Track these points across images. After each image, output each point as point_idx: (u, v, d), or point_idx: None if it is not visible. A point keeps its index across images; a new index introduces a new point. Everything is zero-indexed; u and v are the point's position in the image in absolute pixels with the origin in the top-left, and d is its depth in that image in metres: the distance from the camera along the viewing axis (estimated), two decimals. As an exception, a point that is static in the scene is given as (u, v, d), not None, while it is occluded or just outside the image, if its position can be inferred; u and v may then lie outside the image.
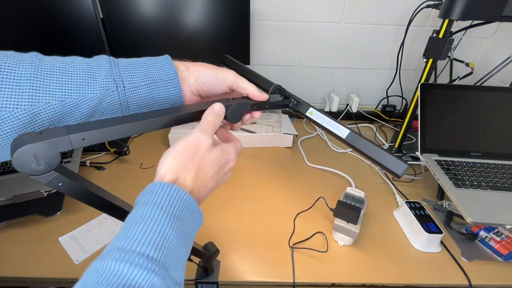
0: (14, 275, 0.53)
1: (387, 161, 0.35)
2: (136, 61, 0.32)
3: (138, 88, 0.31)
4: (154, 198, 0.24)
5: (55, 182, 0.26)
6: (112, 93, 0.30)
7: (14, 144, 0.23)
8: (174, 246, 0.23)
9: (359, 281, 0.55)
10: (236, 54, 1.02)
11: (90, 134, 0.25)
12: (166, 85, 0.33)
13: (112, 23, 0.86)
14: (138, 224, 0.23)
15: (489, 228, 0.63)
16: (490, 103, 0.79)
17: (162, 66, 0.33)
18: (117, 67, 0.30)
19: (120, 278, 0.19)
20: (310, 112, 0.40)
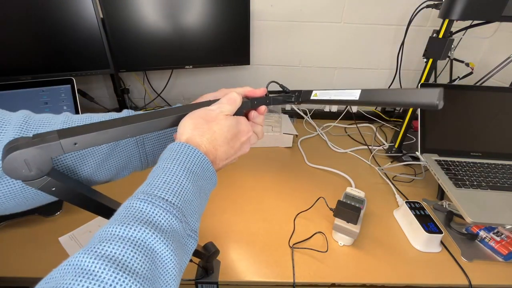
0: (14, 275, 0.53)
1: (415, 97, 0.29)
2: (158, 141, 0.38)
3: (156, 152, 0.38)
4: (172, 154, 0.28)
5: (48, 187, 0.25)
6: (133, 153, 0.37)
7: (5, 150, 0.22)
8: (190, 197, 0.26)
9: (359, 281, 0.55)
10: (236, 54, 1.03)
11: (82, 138, 0.25)
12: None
13: (112, 23, 0.86)
14: (159, 174, 0.26)
15: (489, 228, 0.63)
16: (490, 103, 0.79)
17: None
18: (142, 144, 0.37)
19: (143, 214, 0.22)
20: (315, 95, 0.38)
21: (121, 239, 0.20)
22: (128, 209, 0.23)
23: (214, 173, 0.30)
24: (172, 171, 0.26)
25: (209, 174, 0.30)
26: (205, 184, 0.29)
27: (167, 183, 0.25)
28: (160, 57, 0.94)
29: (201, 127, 0.30)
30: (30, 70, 0.84)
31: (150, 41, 0.91)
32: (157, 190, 0.24)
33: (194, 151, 0.28)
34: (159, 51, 0.93)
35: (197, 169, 0.28)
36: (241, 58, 1.02)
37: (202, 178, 0.29)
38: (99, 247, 0.19)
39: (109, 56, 0.90)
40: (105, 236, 0.20)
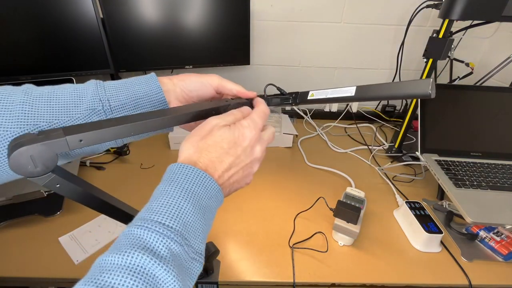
0: (14, 275, 0.53)
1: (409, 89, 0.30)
2: (122, 81, 0.34)
3: (124, 106, 0.33)
4: (170, 176, 0.28)
5: (53, 184, 0.26)
6: (98, 112, 0.31)
7: (11, 146, 0.22)
8: (191, 218, 0.25)
9: (359, 281, 0.55)
10: (236, 54, 1.03)
11: (88, 135, 0.25)
12: (151, 100, 0.34)
13: (112, 23, 0.86)
14: (157, 198, 0.26)
15: (489, 228, 0.63)
16: (490, 103, 0.79)
17: (147, 83, 0.34)
18: (103, 89, 0.32)
19: (141, 241, 0.22)
20: (312, 95, 0.38)
21: (120, 268, 0.20)
22: (126, 237, 0.22)
23: (218, 190, 0.29)
24: (169, 193, 0.26)
25: (213, 192, 0.28)
26: (209, 202, 0.28)
27: (164, 206, 0.24)
28: (160, 57, 0.94)
29: (197, 144, 0.30)
30: (30, 70, 0.84)
31: (150, 41, 0.91)
32: (154, 215, 0.24)
33: (191, 170, 0.27)
34: (159, 51, 0.93)
35: (197, 188, 0.27)
36: (241, 58, 1.02)
37: (205, 197, 0.27)
38: (99, 278, 0.19)
39: (109, 56, 0.90)
40: (105, 266, 0.20)
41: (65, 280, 0.54)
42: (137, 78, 0.35)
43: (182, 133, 0.92)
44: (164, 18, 0.89)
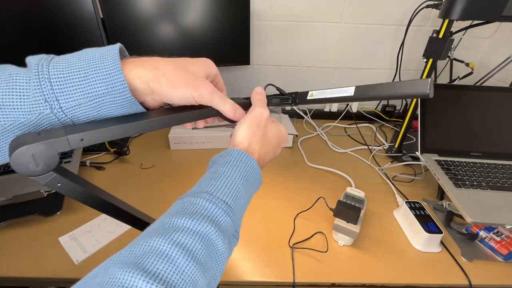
0: (14, 275, 0.53)
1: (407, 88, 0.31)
2: (74, 67, 0.25)
3: (80, 107, 0.25)
4: (233, 161, 0.30)
5: (54, 183, 0.26)
6: (48, 116, 0.25)
7: (13, 145, 0.23)
8: (242, 202, 0.29)
9: (359, 281, 0.55)
10: (236, 54, 1.03)
11: (89, 135, 0.25)
12: (115, 99, 0.26)
13: (112, 23, 0.86)
14: (220, 178, 0.29)
15: (489, 228, 0.63)
16: (490, 103, 0.79)
17: (107, 77, 0.25)
18: (48, 81, 0.24)
19: (208, 212, 0.25)
20: (311, 95, 0.39)
21: (192, 232, 0.23)
22: (194, 206, 0.26)
23: (261, 180, 0.33)
24: (232, 177, 0.29)
25: (257, 182, 0.33)
26: (253, 190, 0.33)
27: (228, 188, 0.28)
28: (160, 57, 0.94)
29: (257, 135, 0.34)
30: (30, 70, 0.84)
31: (150, 41, 0.91)
32: (220, 193, 0.27)
33: (251, 161, 0.31)
34: (159, 51, 0.93)
35: (250, 177, 0.31)
36: (241, 58, 1.02)
37: (253, 185, 0.32)
38: (174, 236, 0.22)
39: (109, 56, 0.90)
40: (178, 227, 0.23)
41: (65, 280, 0.54)
42: (94, 62, 0.25)
43: (182, 133, 0.92)
44: (164, 18, 0.89)
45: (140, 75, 0.27)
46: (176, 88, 0.29)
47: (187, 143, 0.93)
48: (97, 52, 0.26)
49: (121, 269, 0.19)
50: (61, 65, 0.25)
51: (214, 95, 0.32)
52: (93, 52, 0.26)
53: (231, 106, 0.34)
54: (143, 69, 0.28)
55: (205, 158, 0.88)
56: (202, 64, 0.33)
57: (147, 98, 0.30)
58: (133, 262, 0.20)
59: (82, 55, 0.26)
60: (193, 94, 0.30)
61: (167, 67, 0.29)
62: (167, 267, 0.20)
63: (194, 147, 0.93)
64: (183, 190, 0.28)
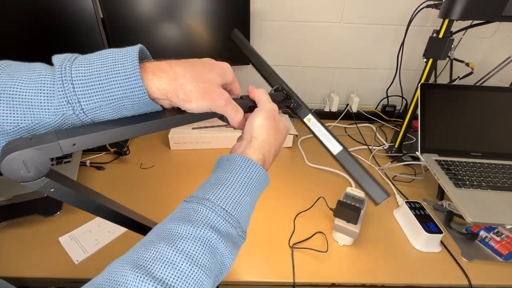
0: (14, 275, 0.53)
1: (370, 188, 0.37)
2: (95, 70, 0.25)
3: (100, 108, 0.26)
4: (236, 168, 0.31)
5: (47, 188, 0.25)
6: (71, 117, 0.26)
7: (3, 151, 0.22)
8: (247, 208, 0.31)
9: (359, 281, 0.55)
10: (236, 54, 1.02)
11: (81, 139, 0.25)
12: (133, 103, 0.27)
13: (112, 23, 0.86)
14: (223, 185, 0.30)
15: (489, 228, 0.63)
16: (490, 103, 0.79)
17: (126, 81, 0.26)
18: (70, 83, 0.24)
19: (208, 219, 0.27)
20: (308, 119, 0.40)
21: (194, 238, 0.25)
22: (196, 212, 0.27)
23: (268, 181, 0.34)
24: (234, 186, 0.30)
25: (264, 184, 0.34)
26: (259, 191, 0.34)
27: (230, 197, 0.29)
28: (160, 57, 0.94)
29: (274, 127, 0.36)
30: (30, 70, 0.84)
31: (150, 41, 0.91)
32: (221, 201, 0.29)
33: (255, 167, 0.32)
34: (159, 51, 0.93)
35: (256, 182, 0.32)
36: (241, 58, 1.02)
37: (259, 188, 0.33)
38: (178, 243, 0.24)
39: (109, 56, 0.90)
40: (180, 234, 0.25)
41: (65, 280, 0.54)
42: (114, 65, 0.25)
43: (182, 133, 0.92)
44: (164, 18, 0.89)
45: (160, 87, 0.28)
46: (193, 100, 0.29)
47: (187, 143, 0.93)
48: (117, 55, 0.26)
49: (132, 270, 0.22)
50: (83, 67, 0.25)
51: (228, 106, 0.32)
52: (114, 55, 0.26)
53: (240, 117, 0.34)
54: (162, 81, 0.28)
55: (205, 158, 0.88)
56: (220, 71, 0.33)
57: (163, 102, 0.30)
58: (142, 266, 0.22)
59: (103, 56, 0.26)
60: (209, 105, 0.30)
61: (186, 77, 0.29)
62: (172, 273, 0.23)
63: (194, 147, 0.93)
64: (183, 190, 0.28)
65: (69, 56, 0.26)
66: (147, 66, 0.28)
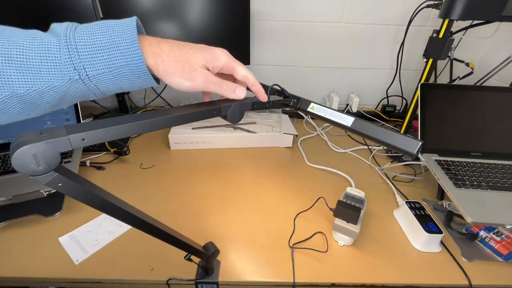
0: (14, 275, 0.53)
1: (399, 142, 0.34)
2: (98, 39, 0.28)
3: (103, 75, 0.29)
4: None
5: (55, 183, 0.26)
6: (76, 82, 0.28)
7: (14, 145, 0.23)
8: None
9: (359, 281, 0.55)
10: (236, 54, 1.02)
11: (90, 134, 0.25)
12: (133, 71, 0.30)
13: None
14: None
15: (489, 228, 0.63)
16: (490, 103, 0.79)
17: (127, 50, 0.29)
18: (75, 51, 0.27)
19: None
20: (312, 107, 0.40)
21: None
22: None
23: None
24: None
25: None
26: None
27: None
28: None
29: None
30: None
31: (150, 41, 0.91)
32: None
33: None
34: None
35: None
36: (241, 58, 1.01)
37: None
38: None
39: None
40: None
41: (65, 280, 0.54)
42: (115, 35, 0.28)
43: (182, 133, 0.92)
44: (164, 18, 0.89)
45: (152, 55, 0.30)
46: (171, 76, 0.32)
47: (187, 143, 0.93)
48: (117, 26, 0.29)
49: None
50: (86, 35, 0.28)
51: (209, 83, 0.33)
52: (114, 25, 0.29)
53: (228, 87, 0.35)
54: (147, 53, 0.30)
55: (205, 158, 0.88)
56: (207, 54, 0.34)
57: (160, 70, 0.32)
58: None
59: (103, 26, 0.28)
60: (187, 83, 0.32)
61: (169, 56, 0.31)
62: None
63: (194, 147, 0.93)
64: (183, 190, 0.28)
65: (70, 25, 0.28)
66: (143, 38, 0.30)
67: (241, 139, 0.94)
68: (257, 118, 1.02)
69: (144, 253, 0.57)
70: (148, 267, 0.55)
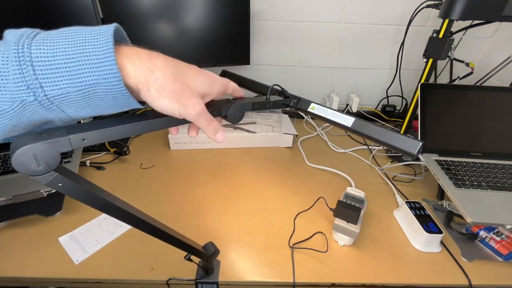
0: (14, 275, 0.53)
1: (400, 142, 0.34)
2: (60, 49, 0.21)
3: (68, 95, 0.22)
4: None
5: (55, 183, 0.26)
6: (32, 104, 0.22)
7: (14, 145, 0.23)
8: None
9: (359, 281, 0.55)
10: (236, 54, 1.03)
11: (90, 135, 0.25)
12: (106, 90, 0.23)
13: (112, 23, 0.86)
14: None
15: (489, 228, 0.63)
16: (490, 103, 0.79)
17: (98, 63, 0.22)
18: (30, 64, 0.21)
19: None
20: (312, 107, 0.40)
21: None
22: None
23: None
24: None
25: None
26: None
27: None
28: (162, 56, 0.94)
29: None
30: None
31: (151, 42, 0.91)
32: None
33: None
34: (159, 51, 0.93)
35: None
36: (241, 58, 1.02)
37: None
38: None
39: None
40: None
41: (65, 280, 0.54)
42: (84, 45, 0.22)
43: (182, 133, 0.92)
44: (164, 19, 0.89)
45: (131, 74, 0.24)
46: (164, 99, 0.26)
47: (187, 143, 0.93)
48: (88, 33, 0.22)
49: None
50: (46, 45, 0.21)
51: (201, 117, 0.29)
52: (84, 32, 0.22)
53: (214, 127, 0.31)
54: (135, 67, 0.24)
55: (205, 158, 0.88)
56: (206, 79, 0.30)
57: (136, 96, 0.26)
58: None
59: (70, 34, 0.22)
60: (180, 110, 0.27)
61: (165, 73, 0.26)
62: None
63: (194, 147, 0.93)
64: (183, 190, 0.28)
65: (29, 31, 0.22)
66: (123, 49, 0.24)
67: (241, 139, 0.94)
68: (257, 118, 1.02)
69: (144, 253, 0.57)
70: (148, 267, 0.55)
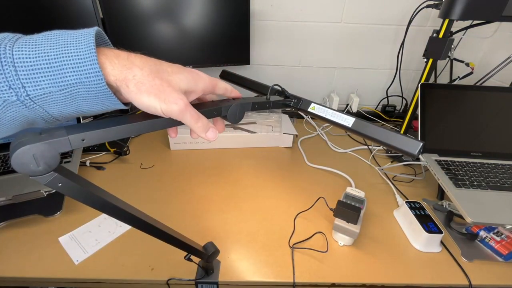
0: (14, 275, 0.53)
1: (400, 143, 0.34)
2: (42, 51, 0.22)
3: (50, 95, 0.23)
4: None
5: (55, 183, 0.26)
6: (14, 104, 0.23)
7: (14, 145, 0.23)
8: None
9: (359, 281, 0.55)
10: (236, 54, 1.03)
11: (90, 135, 0.25)
12: (89, 90, 0.24)
13: (112, 23, 0.86)
14: None
15: (489, 228, 0.63)
16: (490, 103, 0.79)
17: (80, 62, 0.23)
18: (11, 65, 0.21)
19: None
20: (312, 108, 0.40)
21: None
22: None
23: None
24: None
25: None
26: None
27: None
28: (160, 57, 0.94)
29: None
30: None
31: (151, 42, 0.91)
32: None
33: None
34: (159, 51, 0.93)
35: None
36: (241, 58, 1.02)
37: None
38: None
39: (109, 56, 0.90)
40: None
41: (65, 280, 0.54)
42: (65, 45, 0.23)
43: (182, 133, 0.92)
44: (165, 18, 0.89)
45: (110, 72, 0.25)
46: (143, 94, 0.26)
47: (187, 143, 0.93)
48: (70, 35, 0.23)
49: None
50: (28, 47, 0.22)
51: (186, 113, 0.28)
52: (66, 35, 0.23)
53: (203, 124, 0.30)
54: (113, 67, 0.25)
55: (205, 158, 0.88)
56: (189, 76, 0.29)
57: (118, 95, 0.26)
58: None
59: (52, 36, 0.23)
60: (161, 106, 0.27)
61: (143, 70, 0.26)
62: None
63: (194, 147, 0.93)
64: (183, 190, 0.28)
65: (10, 35, 0.23)
66: (102, 50, 0.25)
67: (241, 139, 0.94)
68: (257, 118, 1.02)
69: (144, 253, 0.57)
70: (148, 267, 0.55)
